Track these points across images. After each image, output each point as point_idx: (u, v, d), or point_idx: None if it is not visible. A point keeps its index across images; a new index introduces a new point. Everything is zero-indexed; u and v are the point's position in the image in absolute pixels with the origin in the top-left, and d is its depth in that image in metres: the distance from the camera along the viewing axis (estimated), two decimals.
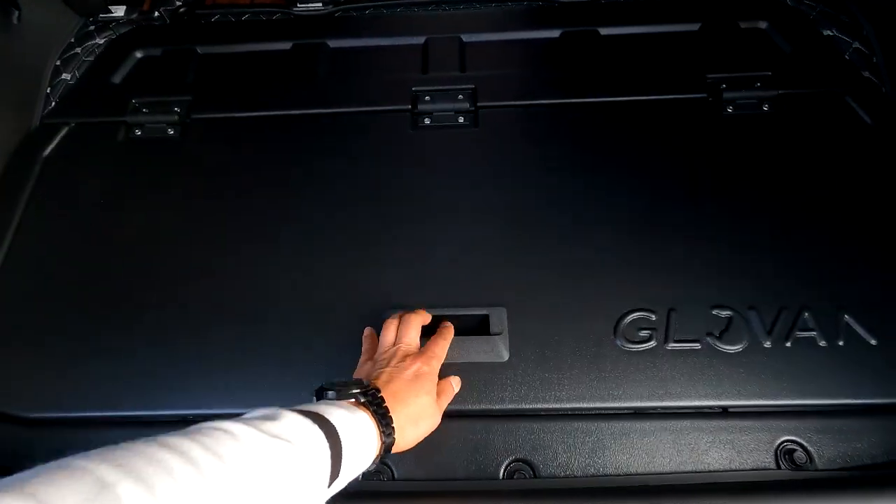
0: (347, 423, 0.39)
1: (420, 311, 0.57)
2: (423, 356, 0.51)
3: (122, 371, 0.61)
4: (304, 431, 0.35)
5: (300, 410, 0.37)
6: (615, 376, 0.58)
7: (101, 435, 0.58)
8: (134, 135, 0.79)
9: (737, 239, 0.65)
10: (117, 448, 0.28)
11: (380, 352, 0.52)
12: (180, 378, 0.60)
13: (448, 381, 0.54)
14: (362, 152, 0.75)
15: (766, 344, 0.59)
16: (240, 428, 0.33)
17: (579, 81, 0.79)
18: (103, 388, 0.60)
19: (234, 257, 0.68)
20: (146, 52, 0.88)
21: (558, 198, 0.69)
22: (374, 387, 0.45)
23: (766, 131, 0.73)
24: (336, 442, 0.37)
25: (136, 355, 0.62)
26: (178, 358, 0.61)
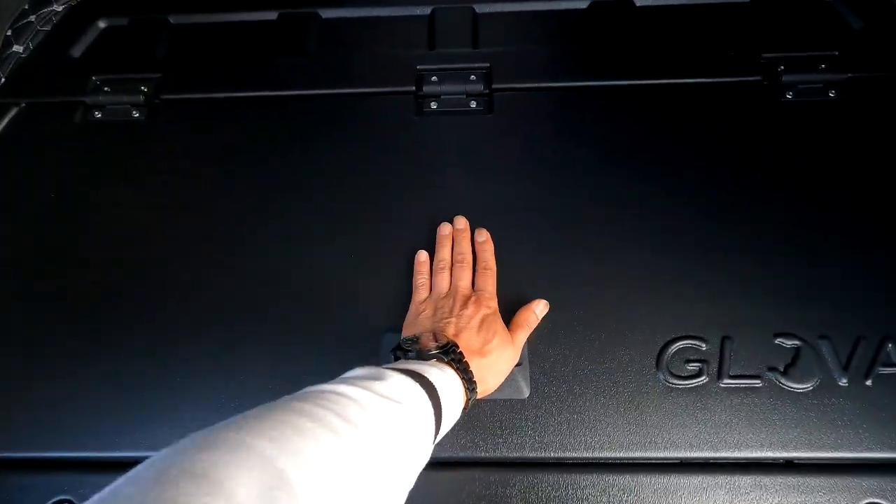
0: (442, 381, 0.39)
1: (463, 231, 0.56)
2: (481, 300, 0.49)
3: (72, 399, 0.51)
4: (412, 392, 0.36)
5: (400, 369, 0.38)
6: (658, 419, 0.48)
7: (37, 480, 0.49)
8: (94, 117, 0.68)
9: (805, 252, 0.54)
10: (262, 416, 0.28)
11: (436, 298, 0.51)
12: (123, 417, 0.50)
13: (529, 309, 0.51)
14: (358, 141, 0.64)
15: (842, 382, 0.49)
16: (357, 392, 0.33)
17: (611, 61, 0.68)
18: (48, 420, 0.51)
19: (208, 259, 0.57)
20: (111, 22, 0.77)
21: (587, 199, 0.59)
22: (451, 341, 0.44)
23: (832, 121, 0.62)
24: (437, 400, 0.38)
25: (78, 386, 0.52)
26: (151, 389, 0.51)
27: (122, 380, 0.52)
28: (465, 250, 0.55)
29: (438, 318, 0.48)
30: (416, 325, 0.49)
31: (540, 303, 0.52)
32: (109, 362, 0.52)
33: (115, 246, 0.59)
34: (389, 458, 0.32)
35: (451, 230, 0.57)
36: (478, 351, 0.45)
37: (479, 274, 0.53)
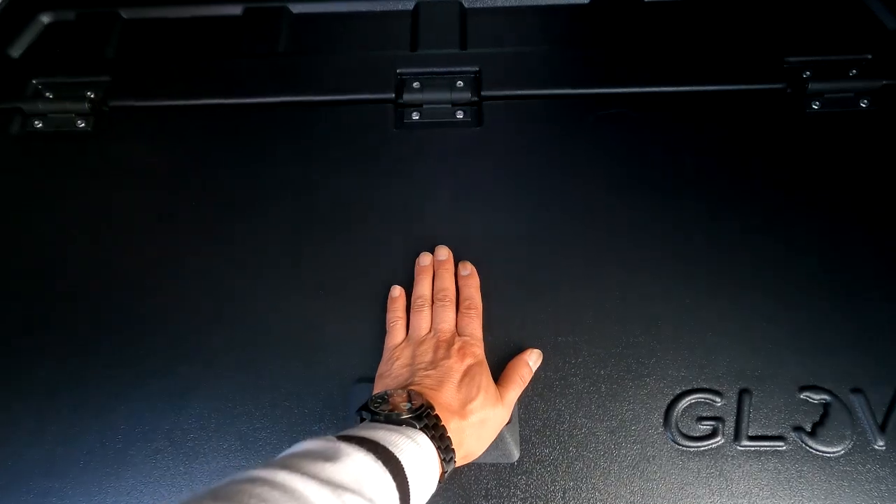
0: (411, 453, 0.34)
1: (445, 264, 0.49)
2: (465, 347, 0.43)
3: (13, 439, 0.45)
4: (371, 476, 0.31)
5: (357, 439, 0.32)
6: (666, 488, 0.42)
7: None
8: (33, 127, 0.61)
9: (835, 290, 0.47)
10: None
11: (415, 342, 0.45)
12: (87, 479, 0.44)
13: (521, 361, 0.45)
14: (329, 156, 0.57)
15: (879, 444, 0.42)
16: (297, 481, 0.27)
17: (615, 65, 0.60)
18: None
19: (154, 292, 0.50)
20: (55, 16, 0.69)
21: (587, 226, 0.52)
22: (426, 402, 0.37)
23: (864, 134, 0.55)
24: (403, 480, 0.32)
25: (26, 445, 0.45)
26: (83, 447, 0.45)
27: (54, 438, 0.45)
28: (448, 286, 0.48)
29: (415, 367, 0.42)
30: (389, 376, 0.43)
31: (533, 353, 0.45)
32: (36, 417, 0.46)
33: (52, 271, 0.52)
34: None
35: (432, 261, 0.50)
36: (458, 411, 0.39)
37: (463, 314, 0.47)
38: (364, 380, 0.46)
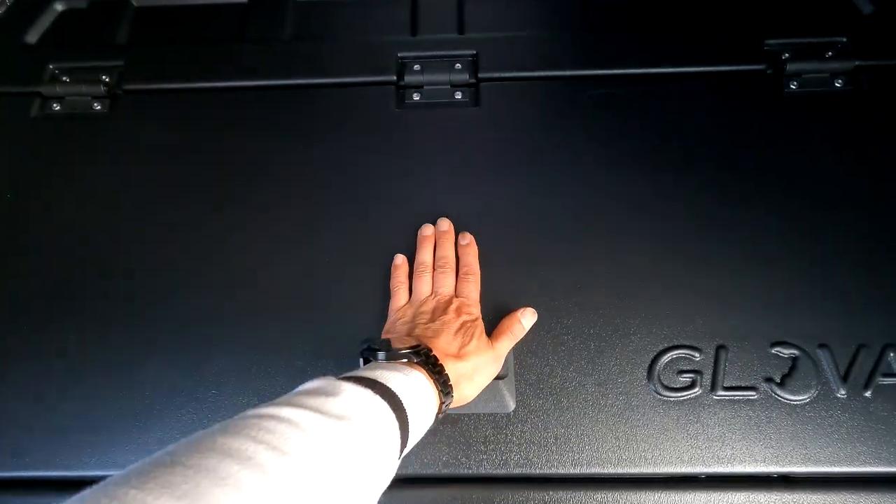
0: (407, 387, 0.36)
1: (446, 234, 0.53)
2: (462, 306, 0.47)
3: (29, 420, 0.48)
4: (369, 406, 0.33)
5: (356, 378, 0.35)
6: (649, 433, 0.46)
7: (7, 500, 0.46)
8: (51, 110, 0.64)
9: (805, 256, 0.51)
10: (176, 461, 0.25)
11: (416, 303, 0.48)
12: (100, 428, 0.47)
13: (514, 317, 0.48)
14: (334, 135, 0.60)
15: (841, 393, 0.47)
16: (300, 415, 0.30)
17: (606, 47, 0.64)
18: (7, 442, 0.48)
19: (173, 263, 0.54)
20: (68, 4, 0.71)
21: (579, 199, 0.55)
22: (424, 345, 0.41)
23: (839, 114, 0.59)
24: (401, 411, 0.35)
25: (46, 402, 0.49)
26: (99, 403, 0.48)
27: (87, 395, 0.49)
28: (448, 254, 0.52)
29: (416, 323, 0.46)
30: (393, 333, 0.47)
31: (526, 311, 0.49)
32: (71, 377, 0.49)
33: (76, 248, 0.56)
34: (336, 486, 0.29)
35: (434, 232, 0.53)
36: (454, 355, 0.42)
37: (461, 279, 0.50)
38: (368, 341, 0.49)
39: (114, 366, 0.50)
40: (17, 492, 0.46)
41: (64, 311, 0.53)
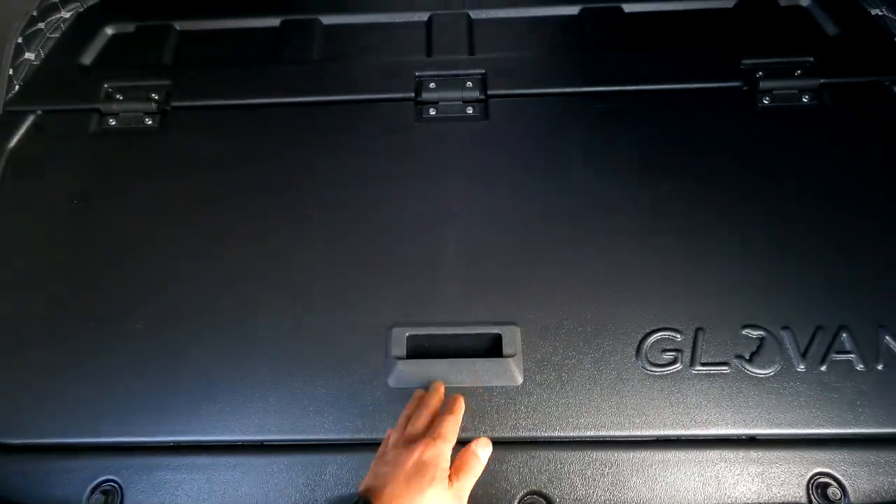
0: None
1: (436, 389, 0.52)
2: (425, 440, 0.45)
3: (102, 394, 0.56)
4: None
5: None
6: (637, 402, 0.54)
7: (80, 464, 0.54)
8: (108, 125, 0.72)
9: (773, 250, 0.59)
10: None
11: (388, 446, 0.47)
12: (163, 402, 0.56)
13: (468, 451, 0.47)
14: (361, 147, 0.68)
15: (800, 367, 0.55)
16: None
17: (601, 66, 0.72)
18: (81, 410, 0.56)
19: (220, 264, 0.62)
20: (118, 28, 0.79)
21: (576, 203, 0.63)
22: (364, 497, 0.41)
23: (806, 126, 0.67)
24: None
25: (116, 376, 0.57)
26: (162, 380, 0.56)
27: (155, 372, 0.57)
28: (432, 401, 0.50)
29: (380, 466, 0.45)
30: (375, 465, 0.46)
31: (480, 442, 0.48)
32: (144, 357, 0.58)
33: (128, 243, 0.63)
34: None
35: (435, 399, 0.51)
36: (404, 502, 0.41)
37: (444, 412, 0.49)
38: (396, 325, 0.57)
39: (179, 346, 0.58)
40: (97, 454, 0.54)
41: (124, 302, 0.60)
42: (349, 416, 0.54)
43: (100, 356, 0.58)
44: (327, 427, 0.54)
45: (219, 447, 0.54)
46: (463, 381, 0.55)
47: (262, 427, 0.54)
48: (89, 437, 0.55)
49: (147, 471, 0.53)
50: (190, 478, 0.53)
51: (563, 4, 0.77)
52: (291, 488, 0.52)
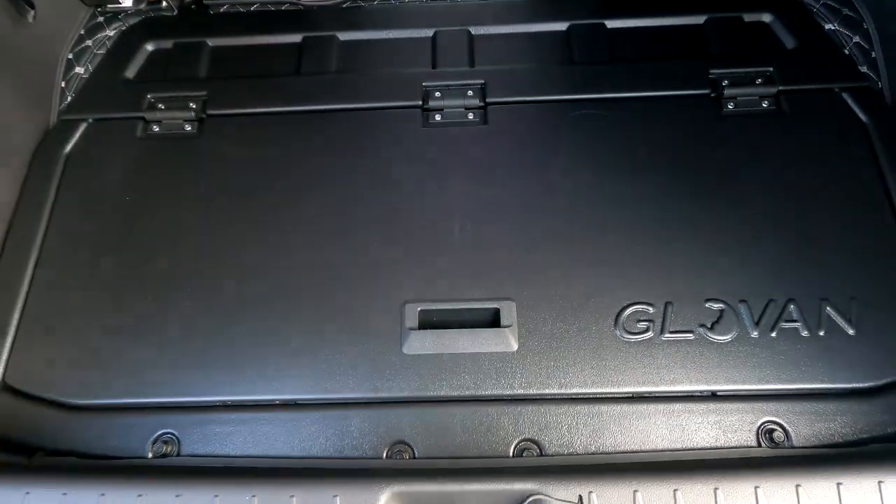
0: None
1: None
2: None
3: (159, 362, 0.66)
4: None
5: None
6: (615, 365, 0.63)
7: (142, 420, 0.64)
8: (152, 131, 0.81)
9: (733, 235, 0.69)
10: None
11: None
12: (212, 368, 0.65)
13: None
14: (376, 149, 0.78)
15: (754, 334, 0.64)
16: None
17: (586, 76, 0.81)
18: (141, 375, 0.66)
19: (255, 250, 0.72)
20: (157, 45, 0.89)
21: (564, 196, 0.73)
22: None
23: (764, 128, 0.76)
24: None
25: (171, 346, 0.67)
26: (210, 349, 0.66)
27: (206, 343, 0.66)
28: None
29: None
30: None
31: None
32: (194, 330, 0.67)
33: (174, 238, 0.73)
34: None
35: None
36: None
37: None
38: (408, 302, 0.67)
39: (223, 322, 0.67)
40: (157, 412, 0.64)
41: (174, 282, 0.70)
42: (369, 378, 0.64)
43: (155, 330, 0.68)
44: (351, 387, 0.64)
45: (260, 405, 0.64)
46: (466, 348, 0.64)
47: (296, 388, 0.64)
48: (149, 397, 0.65)
49: (200, 425, 0.63)
50: (236, 430, 0.63)
51: (552, 21, 0.87)
52: (322, 438, 0.62)
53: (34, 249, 0.73)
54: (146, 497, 0.52)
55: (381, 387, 0.64)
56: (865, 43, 0.83)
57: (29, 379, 0.66)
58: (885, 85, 0.79)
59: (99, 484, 0.53)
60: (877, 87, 0.79)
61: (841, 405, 0.60)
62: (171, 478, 0.54)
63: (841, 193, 0.71)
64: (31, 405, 0.65)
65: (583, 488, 0.51)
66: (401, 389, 0.63)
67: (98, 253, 0.73)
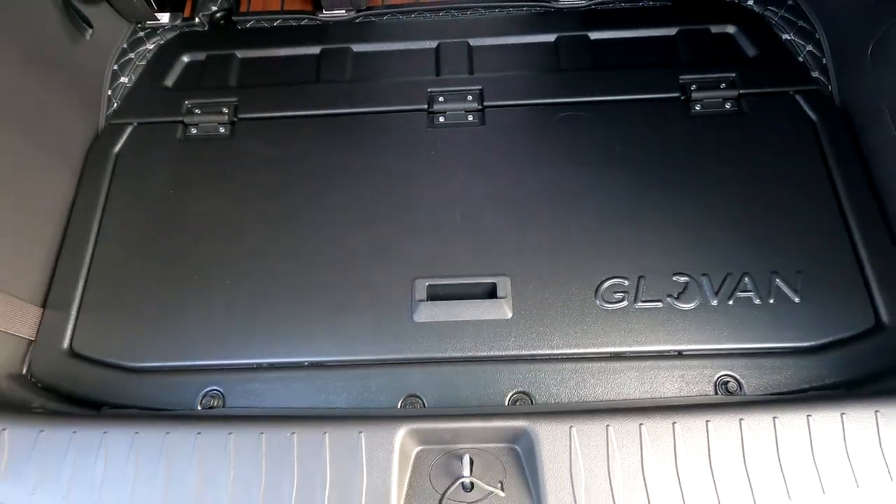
0: None
1: None
2: None
3: (204, 331, 0.77)
4: None
5: None
6: (595, 329, 0.74)
7: (191, 379, 0.75)
8: (190, 133, 0.93)
9: (697, 219, 0.80)
10: None
11: None
12: (250, 335, 0.76)
13: None
14: (387, 147, 0.89)
15: (714, 303, 0.75)
16: None
17: (572, 82, 0.92)
18: (189, 341, 0.76)
19: (283, 234, 0.83)
20: (192, 57, 1.00)
21: (552, 186, 0.84)
22: None
23: (726, 127, 0.87)
24: None
25: (215, 317, 0.77)
26: (249, 319, 0.77)
27: (244, 315, 0.77)
28: None
29: None
30: None
31: None
32: (234, 304, 0.78)
33: (211, 227, 0.84)
34: None
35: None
36: None
37: None
38: (418, 277, 0.78)
39: (258, 297, 0.78)
40: (203, 373, 0.75)
41: (213, 263, 0.81)
42: (385, 342, 0.75)
43: (201, 303, 0.79)
44: (369, 350, 0.75)
45: (291, 366, 0.75)
46: (468, 316, 0.75)
47: (323, 351, 0.75)
48: (197, 360, 0.76)
49: (242, 383, 0.74)
50: (272, 387, 0.73)
51: (543, 34, 0.98)
52: (346, 393, 0.73)
53: (92, 236, 0.84)
54: (204, 435, 0.63)
55: (395, 349, 0.74)
56: (817, 51, 0.94)
57: (92, 346, 0.77)
58: (833, 88, 0.90)
59: (164, 425, 0.64)
60: (827, 90, 0.90)
61: (786, 361, 0.71)
62: (223, 420, 0.65)
63: (791, 183, 0.82)
64: (96, 368, 0.76)
65: (564, 425, 0.61)
66: (412, 351, 0.74)
67: (147, 238, 0.84)
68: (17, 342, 0.77)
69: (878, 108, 0.81)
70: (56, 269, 0.82)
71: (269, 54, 1.00)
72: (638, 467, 0.58)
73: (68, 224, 0.85)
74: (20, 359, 0.77)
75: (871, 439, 0.57)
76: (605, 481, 0.57)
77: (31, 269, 0.80)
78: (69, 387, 0.75)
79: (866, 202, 0.79)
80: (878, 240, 0.77)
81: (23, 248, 0.80)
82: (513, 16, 1.03)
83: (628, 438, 0.58)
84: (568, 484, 0.58)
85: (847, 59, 0.89)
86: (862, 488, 0.57)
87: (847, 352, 0.71)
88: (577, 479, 0.58)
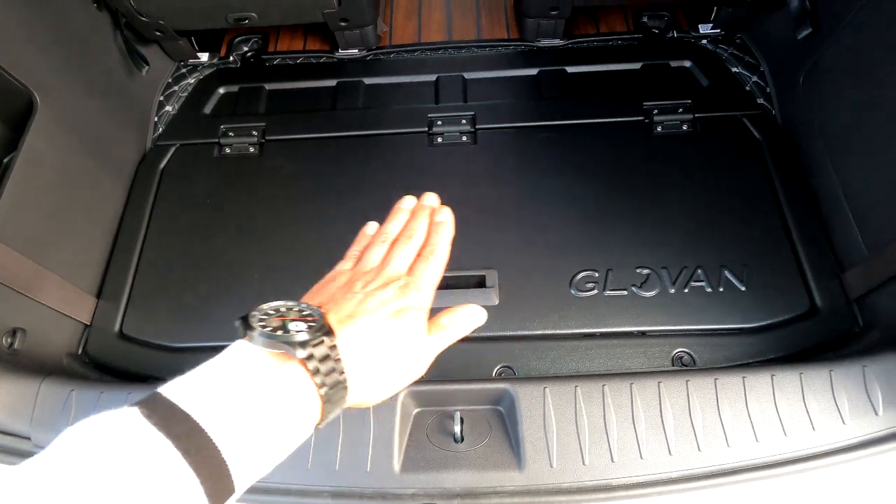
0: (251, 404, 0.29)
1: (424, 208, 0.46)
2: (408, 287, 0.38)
3: (236, 313, 0.90)
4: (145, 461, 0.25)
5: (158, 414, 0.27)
6: (570, 314, 0.87)
7: None
8: (225, 153, 1.08)
9: (658, 222, 0.94)
10: None
11: (359, 270, 0.41)
12: None
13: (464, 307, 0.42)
14: (394, 165, 1.04)
15: (671, 291, 0.88)
16: None
17: (551, 108, 1.08)
18: (222, 325, 0.89)
19: (306, 239, 0.97)
20: (227, 89, 1.17)
21: (534, 194, 0.98)
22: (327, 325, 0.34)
23: (683, 146, 1.02)
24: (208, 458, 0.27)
25: (243, 303, 0.90)
26: None
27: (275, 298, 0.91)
28: (419, 228, 0.43)
29: (344, 291, 0.38)
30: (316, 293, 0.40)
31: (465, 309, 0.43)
32: (261, 295, 0.91)
33: (243, 233, 0.98)
34: None
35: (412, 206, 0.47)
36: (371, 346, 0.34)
37: (421, 257, 0.41)
38: None
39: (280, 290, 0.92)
40: None
41: (244, 262, 0.95)
42: None
43: (233, 294, 0.92)
44: None
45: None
46: (457, 304, 0.88)
47: None
48: (229, 341, 0.88)
49: None
50: None
51: (526, 68, 1.15)
52: None
53: (139, 239, 0.99)
54: None
55: None
56: (762, 81, 1.09)
57: (139, 329, 0.91)
58: (776, 112, 1.05)
59: None
60: (770, 114, 1.05)
61: (733, 339, 0.83)
62: None
63: (739, 193, 0.96)
64: (142, 348, 0.89)
65: (539, 386, 0.73)
66: None
67: (187, 241, 0.98)
68: (76, 326, 0.90)
69: (811, 126, 0.95)
70: (109, 266, 0.96)
71: (292, 87, 1.17)
72: (601, 420, 0.69)
73: (120, 228, 1.00)
74: (77, 341, 0.90)
75: (796, 396, 0.69)
76: (573, 432, 0.69)
77: (90, 264, 0.95)
78: (119, 364, 0.88)
79: (803, 206, 0.93)
80: (813, 238, 0.90)
81: (84, 247, 0.94)
82: (501, 54, 1.20)
83: (593, 396, 0.70)
84: (542, 434, 0.69)
85: (786, 87, 1.04)
86: (789, 437, 0.68)
87: (785, 331, 0.83)
88: (549, 429, 0.69)
